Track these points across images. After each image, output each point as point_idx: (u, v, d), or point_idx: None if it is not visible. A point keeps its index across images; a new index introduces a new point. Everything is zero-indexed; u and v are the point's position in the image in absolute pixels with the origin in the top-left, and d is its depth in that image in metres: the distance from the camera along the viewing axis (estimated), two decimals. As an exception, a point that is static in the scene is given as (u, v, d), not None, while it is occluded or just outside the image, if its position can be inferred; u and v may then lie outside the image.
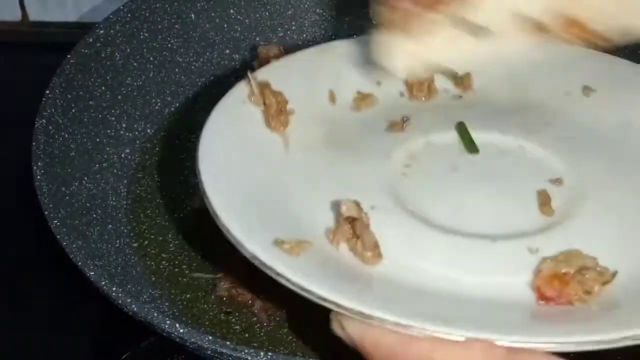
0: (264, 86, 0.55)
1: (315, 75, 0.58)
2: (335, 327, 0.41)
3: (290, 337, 0.56)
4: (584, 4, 0.51)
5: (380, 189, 0.49)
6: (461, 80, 0.60)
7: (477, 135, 0.54)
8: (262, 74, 0.57)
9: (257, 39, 0.79)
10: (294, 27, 0.80)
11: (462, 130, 0.54)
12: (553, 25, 0.51)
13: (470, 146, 0.53)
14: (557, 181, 0.51)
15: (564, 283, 0.42)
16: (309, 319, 0.57)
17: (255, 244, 0.43)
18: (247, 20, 0.79)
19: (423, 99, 0.58)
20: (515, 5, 0.51)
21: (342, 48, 0.61)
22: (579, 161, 0.52)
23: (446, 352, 0.38)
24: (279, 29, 0.80)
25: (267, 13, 0.80)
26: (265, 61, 0.72)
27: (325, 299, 0.40)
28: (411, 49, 0.51)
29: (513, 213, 0.48)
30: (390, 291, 0.42)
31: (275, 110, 0.54)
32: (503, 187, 0.50)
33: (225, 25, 0.78)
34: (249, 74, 0.56)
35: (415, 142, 0.53)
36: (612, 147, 0.54)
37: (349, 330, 0.40)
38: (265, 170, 0.50)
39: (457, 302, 0.42)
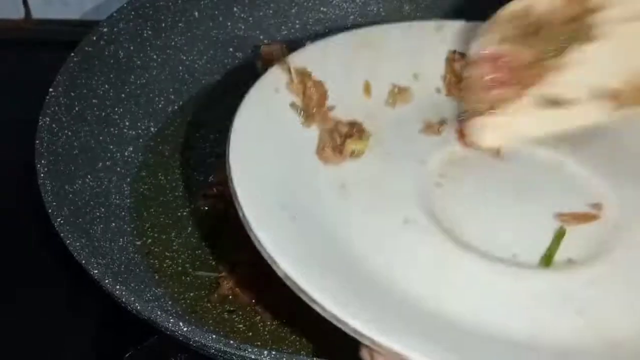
0: (304, 74, 0.51)
1: (352, 64, 0.55)
2: (364, 355, 0.40)
3: (294, 336, 0.56)
4: None
5: (414, 200, 0.46)
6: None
7: (515, 145, 0.51)
8: (298, 59, 0.53)
9: (261, 37, 0.79)
10: (297, 26, 0.80)
11: (557, 237, 0.47)
12: (628, 91, 0.52)
13: (547, 259, 0.46)
14: (597, 206, 0.48)
15: None
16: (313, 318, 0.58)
17: (287, 262, 0.40)
18: (250, 19, 0.79)
19: (460, 97, 0.54)
20: (593, 79, 0.52)
21: (379, 34, 0.57)
22: (621, 187, 0.49)
23: None
24: (283, 27, 0.80)
25: (270, 11, 0.80)
26: (268, 61, 0.72)
27: (361, 334, 0.38)
28: (500, 126, 0.51)
29: (538, 239, 0.46)
30: (424, 326, 0.40)
31: (316, 104, 0.50)
32: (538, 208, 0.48)
33: (229, 24, 0.78)
34: (286, 59, 0.52)
35: (450, 147, 0.51)
36: None
37: None
38: (298, 172, 0.47)
39: (486, 342, 0.40)
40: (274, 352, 0.47)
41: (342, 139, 0.49)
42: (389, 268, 0.42)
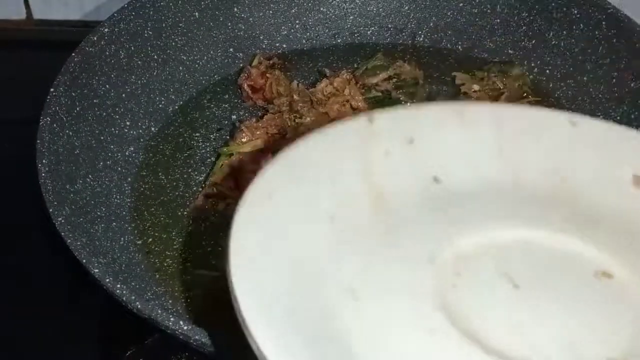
0: None
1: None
2: None
3: (294, 335, 0.56)
4: None
5: (432, 305, 0.42)
6: None
7: (521, 232, 0.47)
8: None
9: (261, 37, 0.79)
10: (297, 26, 0.80)
11: None
12: None
13: None
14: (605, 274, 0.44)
15: None
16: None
17: None
18: (251, 19, 0.79)
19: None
20: None
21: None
22: None
23: None
24: (283, 27, 0.80)
25: (270, 12, 0.80)
26: (255, 74, 0.73)
27: None
28: None
29: (576, 338, 0.42)
30: None
31: None
32: (565, 302, 0.44)
33: (229, 24, 0.78)
34: None
35: (462, 243, 0.47)
36: None
37: None
38: (304, 282, 0.43)
39: None
40: (273, 351, 0.47)
41: None
42: None
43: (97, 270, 0.51)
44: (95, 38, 0.69)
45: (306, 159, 0.48)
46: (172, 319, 0.49)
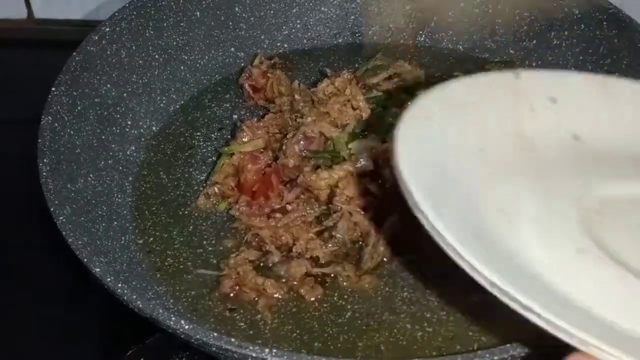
0: None
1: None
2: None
3: (294, 334, 0.56)
4: None
5: (580, 233, 0.46)
6: None
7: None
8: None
9: (262, 37, 0.79)
10: (298, 25, 0.81)
11: None
12: None
13: None
14: None
15: None
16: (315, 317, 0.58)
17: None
18: (252, 19, 0.79)
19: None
20: None
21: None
22: None
23: None
24: (284, 27, 0.80)
25: (272, 11, 0.80)
26: (257, 74, 0.73)
27: (565, 331, 0.38)
28: None
29: None
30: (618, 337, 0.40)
31: None
32: None
33: (231, 23, 0.78)
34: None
35: (603, 192, 0.50)
36: None
37: None
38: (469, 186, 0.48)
39: None
40: (275, 350, 0.47)
41: None
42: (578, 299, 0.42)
43: (98, 270, 0.51)
44: (96, 37, 0.69)
45: (459, 96, 0.52)
46: (173, 318, 0.48)
